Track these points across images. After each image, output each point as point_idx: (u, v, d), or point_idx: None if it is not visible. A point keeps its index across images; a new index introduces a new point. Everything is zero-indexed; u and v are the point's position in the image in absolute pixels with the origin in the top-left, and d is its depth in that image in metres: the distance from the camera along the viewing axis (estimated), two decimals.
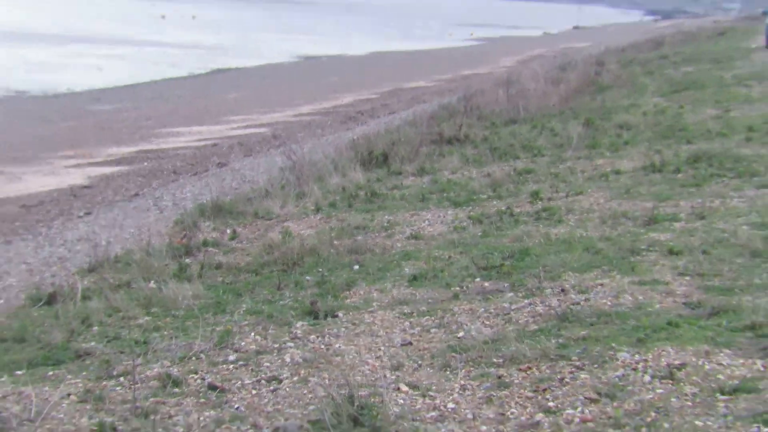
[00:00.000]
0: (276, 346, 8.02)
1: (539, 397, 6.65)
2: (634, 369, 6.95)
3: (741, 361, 6.99)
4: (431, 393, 6.85)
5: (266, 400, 6.91)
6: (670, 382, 6.71)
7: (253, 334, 8.36)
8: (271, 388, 7.14)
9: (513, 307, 8.62)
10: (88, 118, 32.94)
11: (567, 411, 6.40)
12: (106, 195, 19.83)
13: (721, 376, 6.73)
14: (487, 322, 8.27)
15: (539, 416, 6.37)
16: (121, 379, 7.46)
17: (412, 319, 8.51)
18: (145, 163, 23.79)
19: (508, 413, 6.46)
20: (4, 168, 22.86)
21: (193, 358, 7.81)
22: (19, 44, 62.70)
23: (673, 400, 6.43)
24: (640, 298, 8.54)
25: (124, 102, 37.54)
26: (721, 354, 7.12)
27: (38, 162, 24.03)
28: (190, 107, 36.08)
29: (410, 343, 7.90)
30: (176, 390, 7.17)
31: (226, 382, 7.29)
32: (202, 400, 6.98)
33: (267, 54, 64.82)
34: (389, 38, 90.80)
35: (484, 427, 6.28)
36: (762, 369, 6.84)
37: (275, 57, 63.22)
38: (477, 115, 23.21)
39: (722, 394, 6.47)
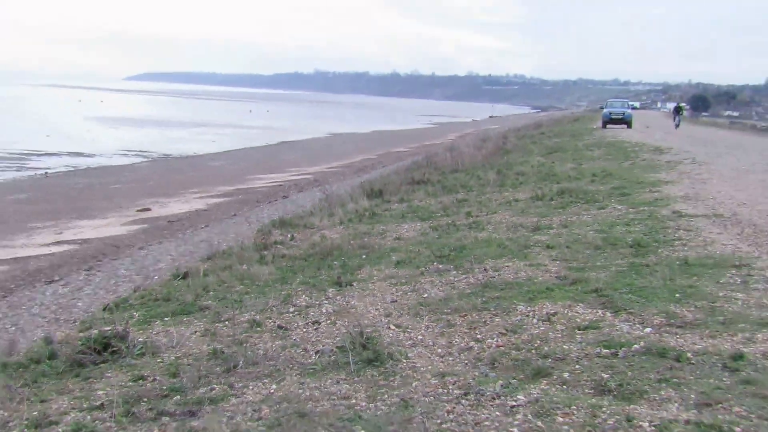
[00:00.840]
0: (317, 302, 7.99)
1: (472, 332, 6.65)
2: (527, 315, 6.95)
3: (589, 310, 7.00)
4: (408, 330, 6.84)
5: (312, 335, 6.90)
6: (548, 323, 6.71)
7: (303, 296, 8.32)
8: (315, 327, 7.12)
9: (456, 279, 8.60)
10: (207, 170, 32.97)
11: (488, 340, 6.40)
12: (217, 215, 19.82)
13: (578, 320, 6.74)
14: (441, 289, 8.25)
15: (472, 343, 6.36)
16: (226, 322, 7.45)
17: (396, 287, 8.48)
18: (240, 196, 23.80)
19: (453, 342, 6.45)
20: (157, 199, 22.87)
21: (269, 310, 7.79)
22: (164, 128, 62.86)
23: (550, 333, 6.43)
24: (530, 274, 8.54)
25: (227, 160, 37.58)
26: (578, 306, 7.12)
27: (177, 195, 24.04)
28: (266, 163, 36.12)
29: (395, 301, 7.88)
30: (258, 329, 7.17)
31: (288, 324, 7.28)
32: (274, 335, 6.97)
33: (311, 132, 64.90)
34: (383, 123, 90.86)
35: (439, 350, 6.27)
36: (601, 315, 6.84)
37: (315, 134, 63.30)
38: (434, 167, 23.19)
39: (579, 330, 6.48)
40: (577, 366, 5.68)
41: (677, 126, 51.77)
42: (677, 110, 58.22)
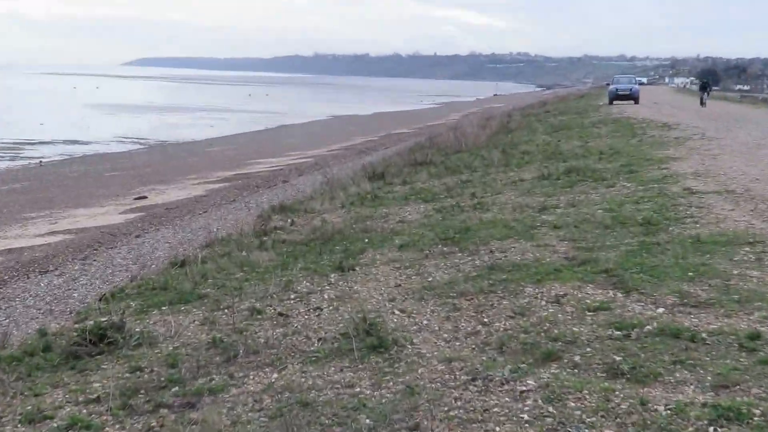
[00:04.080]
0: (319, 288, 7.92)
1: (478, 316, 6.59)
2: (536, 297, 6.89)
3: (599, 291, 6.94)
4: (413, 315, 6.78)
5: (314, 321, 6.84)
6: (557, 305, 6.65)
7: (305, 281, 8.24)
8: (317, 314, 7.06)
9: (461, 262, 8.53)
10: (206, 155, 32.93)
11: (496, 324, 6.33)
12: (215, 201, 19.74)
13: (588, 301, 6.68)
14: (446, 271, 8.18)
15: (479, 327, 6.31)
16: (225, 310, 7.38)
17: (400, 271, 8.41)
18: (239, 181, 23.69)
19: (459, 326, 6.39)
20: (154, 186, 22.83)
21: (269, 297, 7.72)
22: (161, 114, 62.87)
23: (559, 315, 6.36)
24: (537, 255, 8.46)
25: (226, 145, 37.51)
26: (587, 287, 7.06)
27: (175, 182, 23.98)
28: (265, 148, 36.04)
29: (399, 285, 7.80)
30: (259, 316, 7.11)
31: (289, 311, 7.21)
32: (275, 322, 6.90)
33: (311, 115, 64.79)
34: (385, 105, 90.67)
35: (445, 335, 6.21)
36: (612, 296, 6.79)
37: (316, 116, 63.18)
38: (437, 148, 23.08)
39: (589, 311, 6.43)
40: (588, 348, 5.62)
41: (704, 104, 46.07)
42: (703, 87, 52.41)
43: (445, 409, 4.87)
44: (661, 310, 6.37)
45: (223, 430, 4.83)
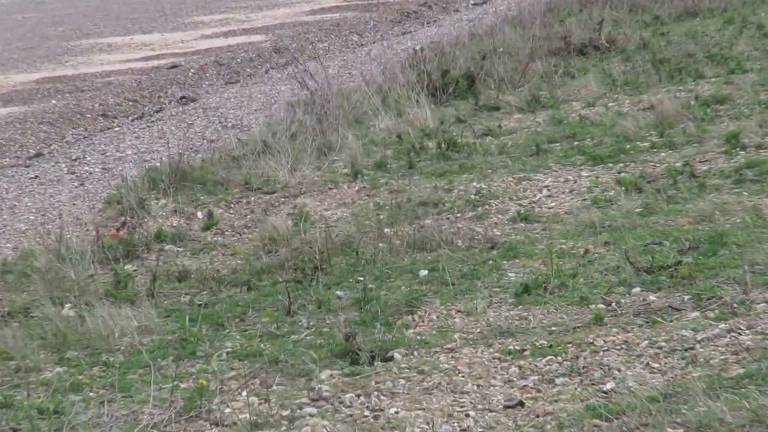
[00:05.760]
0: (286, 413, 7.93)
1: None
2: None
3: None
4: None
5: None
6: None
7: (245, 393, 8.26)
8: None
9: (699, 336, 8.48)
10: None
11: None
12: None
13: None
14: (655, 364, 8.15)
15: None
16: None
17: (522, 362, 8.42)
18: (54, 101, 23.87)
19: None
20: None
21: None
22: None
23: None
24: None
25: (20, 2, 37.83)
26: None
27: None
28: (129, 2, 36.26)
29: (521, 404, 7.81)
30: None
31: None
32: None
33: None
34: None
35: None
36: None
37: None
38: (628, 5, 23.07)
39: None
40: None
41: None
42: None
43: None
44: None
45: None
